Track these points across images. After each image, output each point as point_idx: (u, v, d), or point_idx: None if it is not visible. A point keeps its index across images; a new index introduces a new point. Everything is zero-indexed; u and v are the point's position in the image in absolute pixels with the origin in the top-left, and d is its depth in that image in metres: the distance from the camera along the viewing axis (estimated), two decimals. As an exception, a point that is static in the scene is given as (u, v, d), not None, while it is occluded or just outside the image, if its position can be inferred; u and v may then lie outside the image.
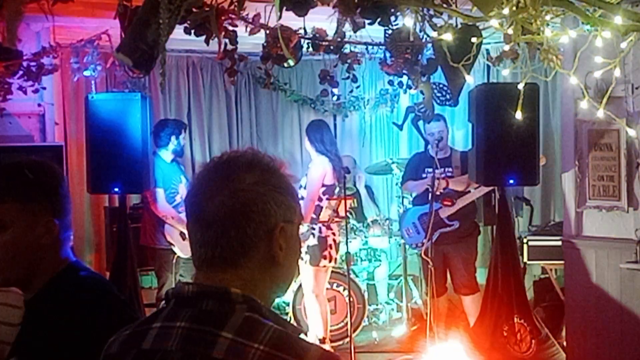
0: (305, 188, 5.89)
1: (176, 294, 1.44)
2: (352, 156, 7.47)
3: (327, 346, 5.90)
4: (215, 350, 1.33)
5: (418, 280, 7.05)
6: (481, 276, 6.18)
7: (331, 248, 5.86)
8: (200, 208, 1.41)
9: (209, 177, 1.43)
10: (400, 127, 6.23)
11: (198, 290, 1.41)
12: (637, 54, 4.69)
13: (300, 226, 1.54)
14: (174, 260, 5.96)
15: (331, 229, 5.89)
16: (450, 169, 6.09)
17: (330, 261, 5.87)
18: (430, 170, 5.99)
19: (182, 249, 5.98)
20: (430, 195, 5.84)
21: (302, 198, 5.91)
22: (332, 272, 6.20)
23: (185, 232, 5.97)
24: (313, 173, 5.84)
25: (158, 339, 1.40)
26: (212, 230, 1.40)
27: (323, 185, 5.79)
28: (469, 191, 6.01)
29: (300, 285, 6.20)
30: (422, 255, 5.85)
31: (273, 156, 1.51)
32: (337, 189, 5.91)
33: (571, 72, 3.66)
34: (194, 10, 3.84)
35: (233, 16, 3.98)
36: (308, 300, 6.03)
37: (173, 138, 6.04)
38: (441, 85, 4.75)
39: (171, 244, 5.96)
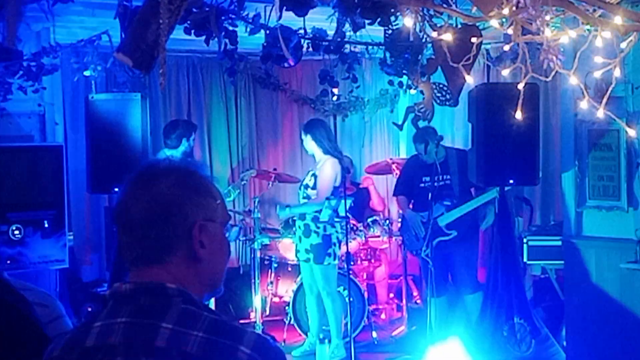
0: (313, 188, 5.87)
1: (113, 293, 1.52)
2: (350, 157, 7.48)
3: (340, 345, 5.92)
4: (157, 340, 1.43)
5: (418, 280, 7.05)
6: (481, 276, 6.18)
7: (335, 246, 5.87)
8: (123, 214, 1.52)
9: (131, 185, 1.54)
10: (400, 127, 6.20)
11: (134, 287, 1.50)
12: (637, 54, 4.69)
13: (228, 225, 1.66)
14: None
15: (334, 227, 5.90)
16: (448, 176, 6.02)
17: (334, 259, 5.88)
18: (427, 179, 5.95)
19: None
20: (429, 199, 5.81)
21: (308, 197, 5.90)
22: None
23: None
24: (326, 174, 5.83)
25: (101, 336, 1.47)
26: (135, 232, 1.50)
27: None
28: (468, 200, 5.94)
29: (301, 285, 6.20)
30: (422, 255, 5.85)
31: (196, 160, 1.59)
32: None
33: (571, 72, 3.66)
34: (194, 10, 3.84)
35: (233, 16, 3.98)
36: (310, 300, 6.04)
37: (184, 140, 6.03)
38: (441, 85, 4.74)
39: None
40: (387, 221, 7.03)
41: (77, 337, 1.51)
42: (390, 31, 4.28)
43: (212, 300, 6.42)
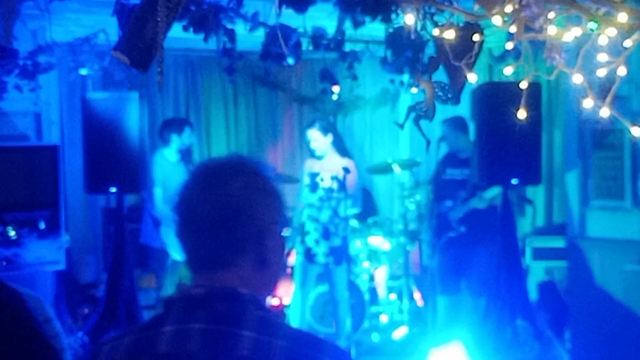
0: (339, 191, 5.78)
1: (182, 297, 1.47)
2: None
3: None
4: (239, 348, 1.38)
5: (419, 281, 7.00)
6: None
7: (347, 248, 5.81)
8: (191, 214, 1.47)
9: (197, 184, 1.49)
10: (402, 127, 6.16)
11: (207, 292, 1.45)
12: (641, 52, 4.64)
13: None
14: (171, 262, 5.92)
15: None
16: (467, 171, 6.00)
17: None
18: (450, 171, 5.97)
19: (177, 251, 5.94)
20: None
21: (330, 199, 5.84)
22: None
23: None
24: (355, 177, 5.78)
25: (175, 342, 1.41)
26: (204, 233, 1.45)
27: None
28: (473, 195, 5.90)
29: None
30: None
31: (258, 159, 1.55)
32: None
33: (575, 71, 3.61)
34: (193, 8, 3.79)
35: (232, 14, 3.94)
36: (297, 297, 5.98)
37: (174, 137, 6.01)
38: (443, 84, 4.69)
39: (167, 245, 5.91)
40: (388, 221, 6.98)
41: (143, 342, 1.44)
42: (391, 29, 4.24)
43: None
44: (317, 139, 5.78)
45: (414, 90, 4.77)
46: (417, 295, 7.01)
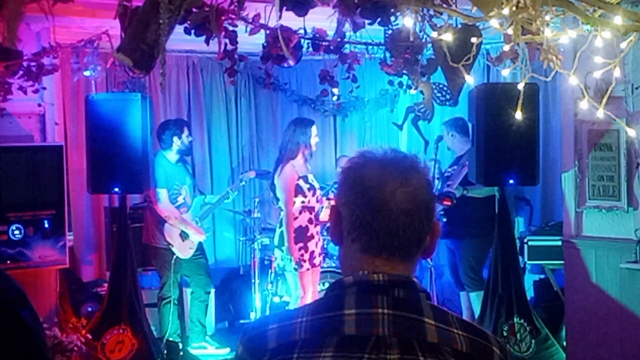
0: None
1: (359, 282, 1.49)
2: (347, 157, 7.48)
3: None
4: (428, 335, 1.43)
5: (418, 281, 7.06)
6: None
7: None
8: (383, 198, 1.49)
9: (386, 169, 1.52)
10: (400, 127, 6.22)
11: (389, 279, 1.48)
12: (637, 54, 4.69)
13: None
14: (173, 260, 5.97)
15: None
16: (454, 167, 6.14)
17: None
18: (449, 169, 6.16)
19: (180, 250, 5.99)
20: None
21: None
22: (332, 272, 6.21)
23: (186, 232, 5.94)
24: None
25: (363, 325, 1.44)
26: (396, 223, 1.48)
27: None
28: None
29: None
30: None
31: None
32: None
33: (571, 72, 3.66)
34: (194, 10, 3.84)
35: (233, 16, 3.98)
36: None
37: (175, 138, 6.04)
38: (441, 85, 4.74)
39: (170, 244, 5.96)
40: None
41: (327, 324, 1.45)
42: (390, 31, 4.28)
43: (213, 300, 6.43)
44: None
45: (413, 91, 4.82)
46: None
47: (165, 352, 5.79)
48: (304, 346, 1.45)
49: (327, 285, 6.12)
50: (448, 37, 3.49)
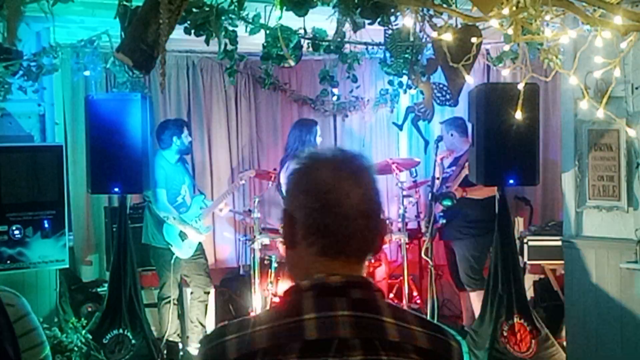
0: None
1: (316, 285, 1.48)
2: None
3: None
4: (389, 334, 1.45)
5: (418, 281, 7.05)
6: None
7: None
8: (338, 200, 1.48)
9: (338, 171, 1.51)
10: (400, 127, 6.23)
11: (346, 280, 1.48)
12: (636, 54, 4.69)
13: None
14: (173, 260, 5.96)
15: None
16: (453, 168, 6.14)
17: None
18: (448, 169, 6.16)
19: (180, 249, 5.99)
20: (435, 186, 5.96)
21: None
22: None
23: (185, 232, 5.94)
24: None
25: (324, 329, 1.43)
26: (354, 222, 1.48)
27: None
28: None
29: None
30: (422, 254, 5.89)
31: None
32: None
33: (571, 72, 3.66)
34: (194, 10, 3.84)
35: (233, 16, 3.99)
36: None
37: (175, 139, 6.04)
38: (441, 85, 4.75)
39: (169, 244, 5.96)
40: (387, 221, 7.03)
41: (287, 331, 1.44)
42: (390, 31, 4.29)
43: (213, 300, 6.43)
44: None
45: (413, 91, 4.84)
46: (415, 295, 7.06)
47: (165, 352, 5.79)
48: (266, 355, 1.44)
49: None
50: (448, 37, 3.49)
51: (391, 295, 7.09)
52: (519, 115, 3.81)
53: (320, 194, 1.49)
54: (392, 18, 3.98)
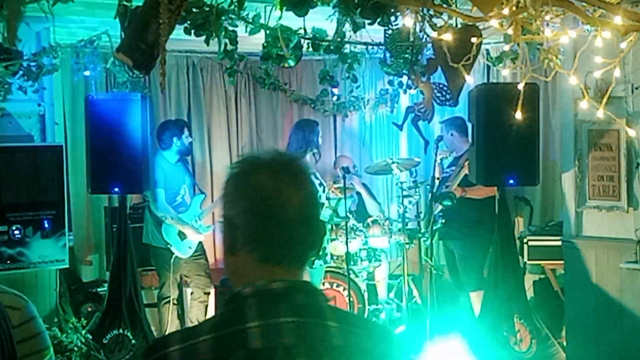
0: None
1: (259, 292, 1.45)
2: (350, 156, 7.47)
3: None
4: (333, 338, 1.45)
5: (418, 280, 7.05)
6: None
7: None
8: (280, 206, 1.46)
9: (278, 175, 1.49)
10: (400, 127, 6.22)
11: (289, 286, 1.47)
12: (636, 54, 4.69)
13: None
14: (172, 260, 5.96)
15: None
16: (452, 167, 6.15)
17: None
18: (447, 169, 6.19)
19: (179, 249, 5.98)
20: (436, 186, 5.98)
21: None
22: (332, 272, 6.20)
23: (184, 232, 5.96)
24: None
25: (268, 337, 1.41)
26: (294, 230, 1.47)
27: None
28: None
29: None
30: (422, 254, 5.90)
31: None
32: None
33: (571, 72, 3.66)
34: (194, 10, 3.84)
35: (233, 16, 3.99)
36: None
37: (175, 139, 6.04)
38: (441, 85, 4.74)
39: (168, 243, 5.96)
40: (387, 221, 7.03)
41: (230, 340, 1.41)
42: (390, 31, 4.29)
43: (212, 300, 6.43)
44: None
45: (413, 91, 4.84)
46: (416, 294, 7.05)
47: (165, 352, 5.78)
48: None
49: (326, 285, 6.12)
50: (448, 37, 3.49)
51: (391, 295, 7.09)
52: (518, 115, 3.80)
53: (260, 200, 1.46)
54: (392, 18, 3.98)
